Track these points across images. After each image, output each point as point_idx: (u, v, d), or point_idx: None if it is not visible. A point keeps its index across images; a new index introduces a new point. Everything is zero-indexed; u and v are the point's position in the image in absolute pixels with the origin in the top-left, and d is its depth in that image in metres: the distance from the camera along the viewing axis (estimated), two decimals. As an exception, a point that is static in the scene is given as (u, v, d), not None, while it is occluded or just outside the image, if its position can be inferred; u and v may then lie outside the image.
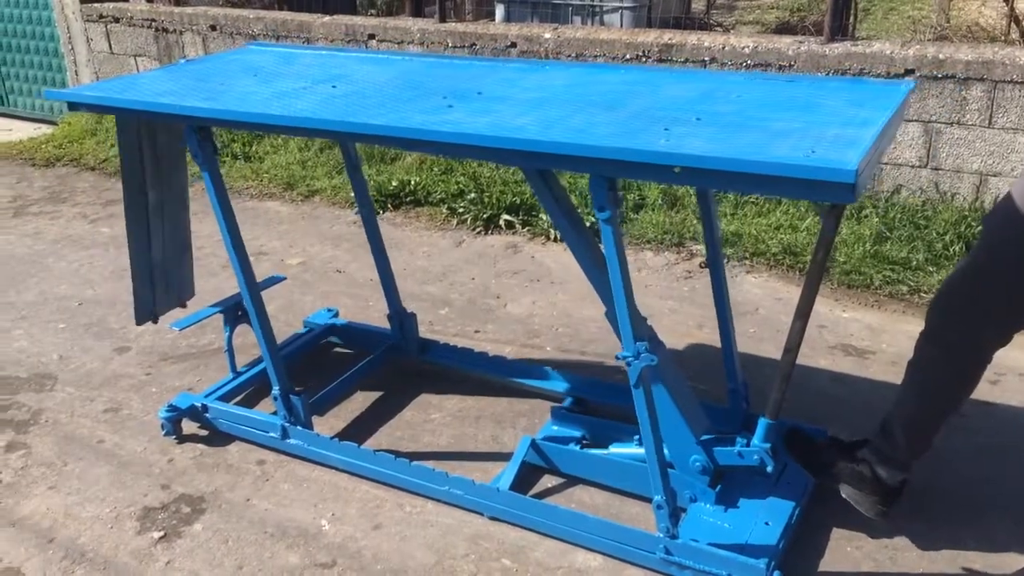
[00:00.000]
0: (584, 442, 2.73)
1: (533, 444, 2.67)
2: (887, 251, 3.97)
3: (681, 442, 2.43)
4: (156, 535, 2.55)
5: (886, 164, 4.36)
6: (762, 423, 2.31)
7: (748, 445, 2.33)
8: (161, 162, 3.04)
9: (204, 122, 2.52)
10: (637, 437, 2.55)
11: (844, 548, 2.37)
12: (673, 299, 3.87)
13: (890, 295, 3.77)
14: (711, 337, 3.52)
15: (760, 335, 3.52)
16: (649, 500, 2.27)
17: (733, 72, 2.67)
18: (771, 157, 1.75)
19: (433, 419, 3.05)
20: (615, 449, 2.64)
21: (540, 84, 2.50)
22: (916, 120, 4.23)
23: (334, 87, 2.59)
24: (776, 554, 2.22)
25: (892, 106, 2.08)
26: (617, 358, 2.18)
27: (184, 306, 3.36)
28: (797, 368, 3.23)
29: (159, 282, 3.22)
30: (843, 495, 2.36)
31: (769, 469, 2.32)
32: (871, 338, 3.47)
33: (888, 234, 4.08)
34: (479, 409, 3.08)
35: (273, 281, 3.44)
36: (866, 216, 4.24)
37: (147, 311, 3.19)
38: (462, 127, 2.10)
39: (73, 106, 2.73)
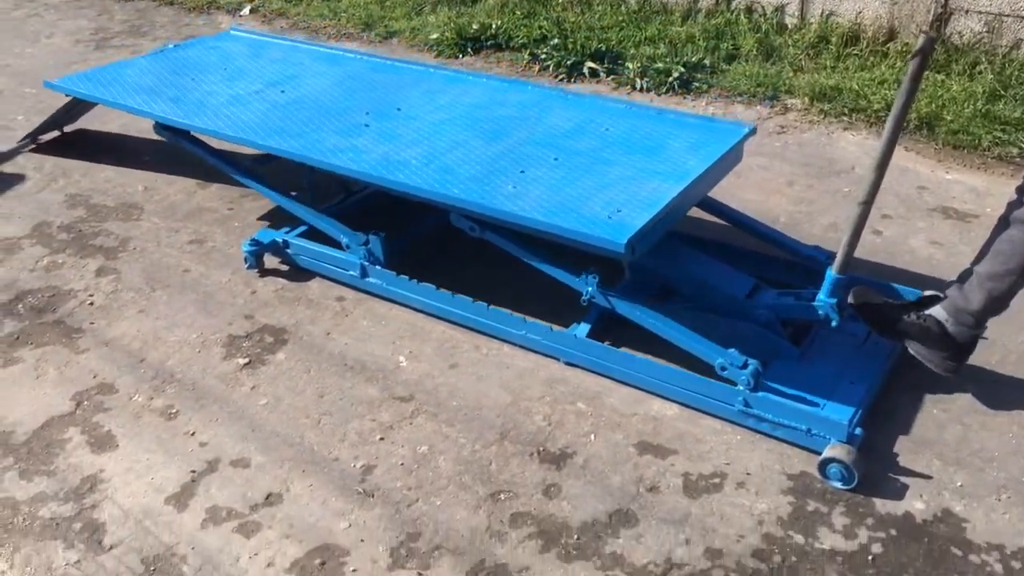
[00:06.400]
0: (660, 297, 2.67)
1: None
2: (999, 111, 3.70)
3: (732, 302, 2.43)
4: (241, 361, 2.62)
5: (1008, 16, 4.01)
6: (829, 277, 2.23)
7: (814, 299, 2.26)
8: None
9: (165, 123, 3.18)
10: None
11: (931, 410, 2.31)
12: (764, 155, 3.70)
13: (999, 157, 3.53)
14: (800, 194, 3.38)
15: (855, 194, 3.35)
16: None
17: (616, 101, 3.04)
18: (570, 223, 2.25)
19: (509, 270, 3.01)
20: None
21: (451, 102, 3.04)
22: (1048, -34, 3.84)
23: (282, 92, 3.20)
24: (858, 411, 2.17)
25: (720, 152, 2.52)
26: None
27: (62, 131, 4.19)
28: (893, 230, 3.11)
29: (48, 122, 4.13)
30: (910, 351, 2.28)
31: (834, 323, 2.25)
32: (974, 201, 3.27)
33: (1003, 92, 3.79)
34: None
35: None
36: (980, 72, 3.94)
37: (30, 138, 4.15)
38: (357, 162, 2.65)
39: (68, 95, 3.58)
